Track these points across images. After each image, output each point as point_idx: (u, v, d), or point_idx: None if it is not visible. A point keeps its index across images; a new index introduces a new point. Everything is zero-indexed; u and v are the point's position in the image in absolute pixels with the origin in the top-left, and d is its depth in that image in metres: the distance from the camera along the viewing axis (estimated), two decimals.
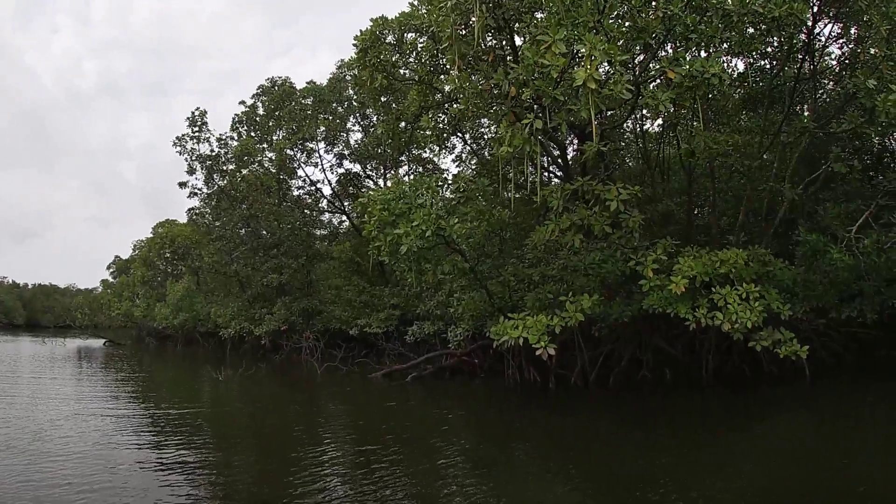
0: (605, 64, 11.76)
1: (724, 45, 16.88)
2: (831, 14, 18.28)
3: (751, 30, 15.81)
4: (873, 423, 14.82)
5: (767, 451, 12.62)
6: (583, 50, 11.39)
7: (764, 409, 17.05)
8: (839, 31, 20.04)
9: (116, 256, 76.03)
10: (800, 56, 19.44)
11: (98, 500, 9.98)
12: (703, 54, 15.79)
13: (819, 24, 18.20)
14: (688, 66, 12.71)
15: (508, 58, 16.04)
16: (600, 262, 17.19)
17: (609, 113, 19.82)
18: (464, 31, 15.78)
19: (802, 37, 18.13)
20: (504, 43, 17.54)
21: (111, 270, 76.83)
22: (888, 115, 13.51)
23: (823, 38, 19.71)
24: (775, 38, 19.03)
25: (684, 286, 14.57)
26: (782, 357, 14.76)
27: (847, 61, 20.37)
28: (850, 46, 20.28)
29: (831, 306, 17.58)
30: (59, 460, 12.55)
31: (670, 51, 16.41)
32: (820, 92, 21.34)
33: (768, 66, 21.37)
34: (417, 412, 19.88)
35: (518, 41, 17.75)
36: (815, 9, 16.70)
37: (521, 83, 12.10)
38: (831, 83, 21.85)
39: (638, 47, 15.69)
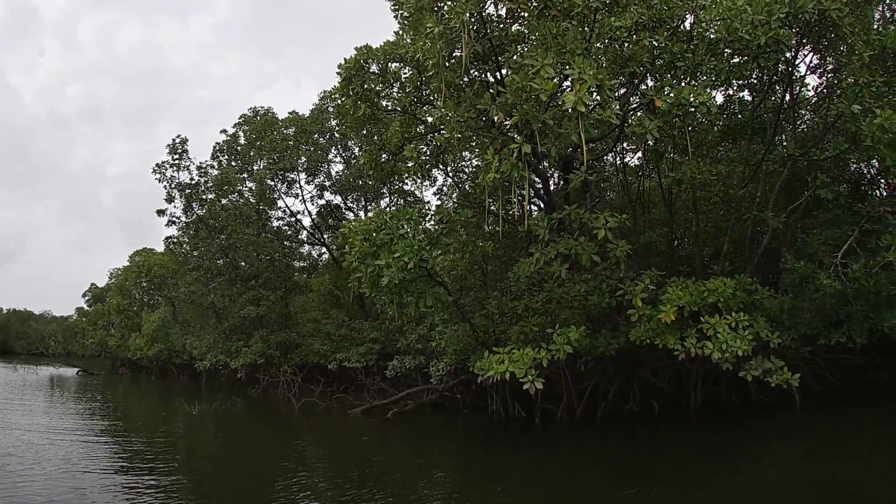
0: (594, 89, 11.62)
1: (705, 76, 16.99)
2: (810, 45, 18.51)
3: (735, 59, 15.87)
4: (867, 455, 14.54)
5: (762, 492, 12.24)
6: (571, 75, 11.24)
7: (755, 442, 16.71)
8: (817, 61, 20.38)
9: (92, 284, 74.53)
10: (778, 87, 19.68)
11: None
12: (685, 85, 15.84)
13: (799, 54, 18.43)
14: (675, 94, 12.64)
15: (491, 90, 15.94)
16: (585, 294, 16.92)
17: (591, 145, 19.75)
18: (449, 63, 15.67)
19: (782, 67, 18.36)
20: (489, 74, 17.46)
21: (87, 298, 75.26)
22: (874, 140, 13.57)
23: (803, 69, 20.02)
24: (755, 70, 19.22)
25: (674, 314, 14.32)
26: (773, 386, 14.48)
27: (825, 91, 20.69)
28: (829, 76, 20.60)
29: (819, 333, 17.51)
30: (25, 483, 12.67)
31: (651, 83, 16.47)
32: (798, 122, 21.57)
33: (749, 98, 21.62)
34: (398, 451, 19.30)
35: (504, 73, 17.70)
36: (797, 38, 16.87)
37: (509, 108, 11.90)
38: (809, 113, 22.17)
39: (622, 78, 15.70)
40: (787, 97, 19.73)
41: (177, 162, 37.03)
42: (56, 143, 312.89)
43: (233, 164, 38.10)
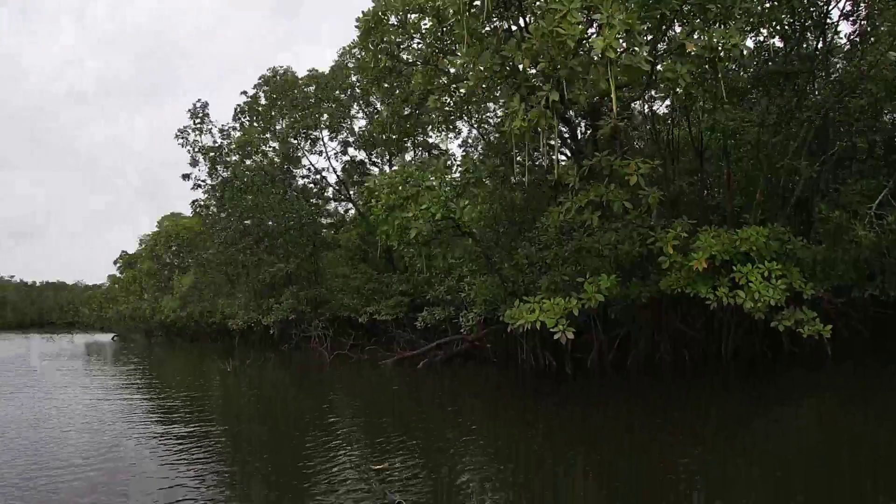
0: (623, 34, 11.29)
1: (735, 21, 16.39)
2: None
3: (767, 3, 15.29)
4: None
5: (796, 446, 12.13)
6: (599, 19, 10.94)
7: (785, 391, 16.63)
8: (850, 7, 19.57)
9: (123, 251, 75.45)
10: (810, 34, 18.98)
11: (100, 480, 10.28)
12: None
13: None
14: (707, 38, 12.26)
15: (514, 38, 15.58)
16: (616, 243, 16.74)
17: (620, 91, 19.32)
18: (470, 10, 15.32)
19: (814, 12, 17.71)
20: (511, 22, 17.07)
21: (118, 265, 76.39)
22: None
23: (835, 16, 19.25)
24: (787, 15, 18.51)
25: (705, 262, 14.09)
26: (805, 337, 14.31)
27: (858, 38, 19.90)
28: (862, 23, 19.77)
29: (852, 284, 17.20)
30: (67, 444, 13.01)
31: (679, 29, 15.95)
32: (831, 70, 20.83)
33: (780, 45, 20.88)
34: (429, 400, 19.59)
35: (527, 20, 17.27)
36: None
37: (535, 54, 11.64)
38: (842, 61, 21.37)
39: (649, 24, 15.20)
40: (820, 44, 19.03)
41: (199, 126, 37.32)
42: (77, 119, 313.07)
43: (255, 125, 38.11)
